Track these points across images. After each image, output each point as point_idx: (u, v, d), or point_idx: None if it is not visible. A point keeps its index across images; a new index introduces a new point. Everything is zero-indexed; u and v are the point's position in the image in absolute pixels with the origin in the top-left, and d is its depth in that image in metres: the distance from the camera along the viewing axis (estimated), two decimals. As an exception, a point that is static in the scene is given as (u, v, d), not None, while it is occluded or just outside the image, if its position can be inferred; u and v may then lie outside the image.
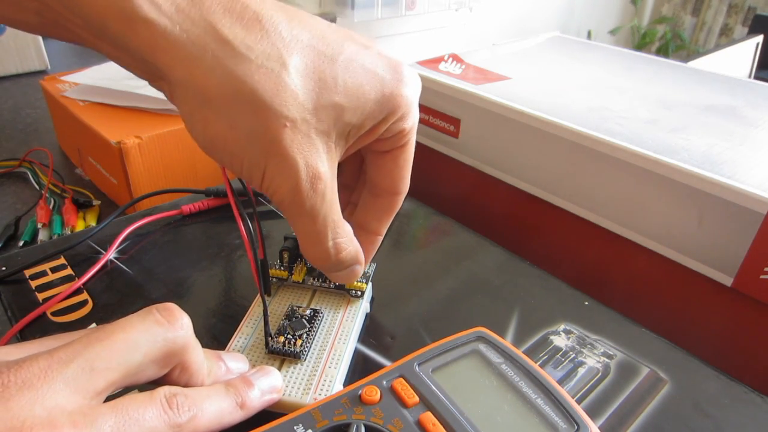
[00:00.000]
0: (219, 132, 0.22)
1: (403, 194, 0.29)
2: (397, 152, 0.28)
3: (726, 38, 1.90)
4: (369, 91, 0.24)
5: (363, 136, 0.25)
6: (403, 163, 0.28)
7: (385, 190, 0.28)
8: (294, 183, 0.23)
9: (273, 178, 0.23)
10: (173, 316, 0.22)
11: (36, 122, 0.79)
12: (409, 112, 0.26)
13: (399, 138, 0.27)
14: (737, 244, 0.34)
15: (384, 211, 0.29)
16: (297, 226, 0.25)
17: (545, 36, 0.63)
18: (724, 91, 0.49)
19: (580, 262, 0.44)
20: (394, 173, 0.28)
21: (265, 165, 0.22)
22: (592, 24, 1.71)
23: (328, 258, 0.26)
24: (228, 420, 0.22)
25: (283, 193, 0.23)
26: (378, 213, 0.29)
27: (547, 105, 0.44)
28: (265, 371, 0.25)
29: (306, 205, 0.23)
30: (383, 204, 0.29)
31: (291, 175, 0.22)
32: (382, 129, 0.25)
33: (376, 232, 0.29)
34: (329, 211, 0.24)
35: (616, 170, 0.39)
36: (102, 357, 0.19)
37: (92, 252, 0.37)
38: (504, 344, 0.27)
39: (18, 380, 0.18)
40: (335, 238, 0.25)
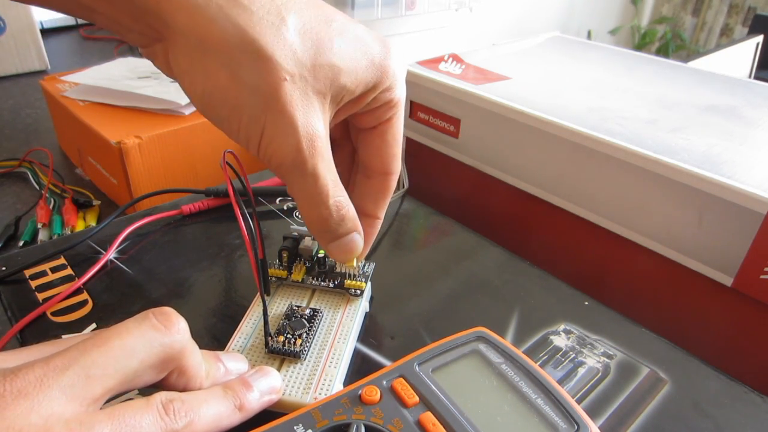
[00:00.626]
0: (220, 83, 0.22)
1: (394, 174, 0.29)
2: (384, 127, 0.28)
3: (726, 38, 1.90)
4: (361, 57, 0.24)
5: (351, 103, 0.25)
6: (392, 140, 0.28)
7: (376, 170, 0.29)
8: (295, 142, 0.23)
9: (273, 137, 0.22)
10: (170, 321, 0.22)
11: (36, 122, 0.79)
12: (396, 84, 0.26)
13: (385, 109, 0.27)
14: (737, 244, 0.34)
15: (378, 192, 0.29)
16: (297, 188, 0.24)
17: (545, 36, 0.63)
18: (724, 91, 0.49)
19: (580, 262, 0.44)
20: (383, 151, 0.28)
21: (264, 121, 0.22)
22: (592, 24, 1.71)
23: (330, 217, 0.25)
24: (226, 423, 0.22)
25: (284, 154, 0.23)
26: (373, 195, 0.29)
27: (547, 105, 0.44)
28: (264, 372, 0.25)
29: (308, 165, 0.23)
30: (376, 185, 0.29)
31: (291, 133, 0.22)
32: (370, 97, 0.26)
33: (374, 214, 0.29)
34: (329, 170, 0.24)
35: (616, 170, 0.39)
36: (98, 364, 0.19)
37: (92, 252, 0.37)
38: (504, 344, 0.27)
39: (14, 389, 0.18)
40: (335, 196, 0.25)
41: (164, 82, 0.61)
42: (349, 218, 0.26)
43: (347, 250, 0.27)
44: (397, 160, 0.29)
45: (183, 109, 0.57)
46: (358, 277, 0.32)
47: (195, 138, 0.56)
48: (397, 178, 0.29)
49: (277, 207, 0.43)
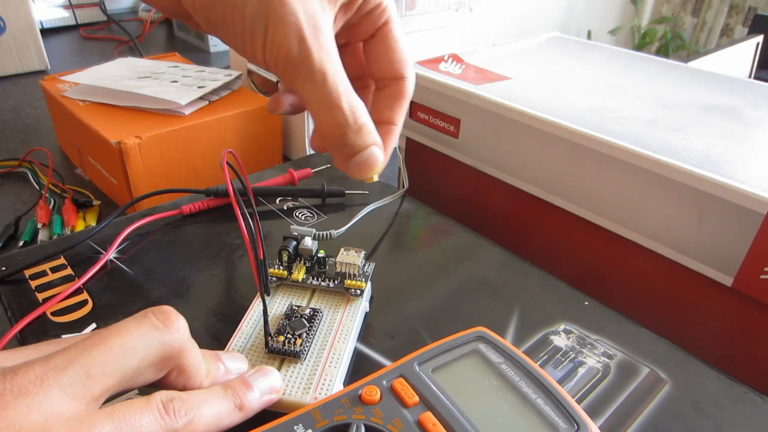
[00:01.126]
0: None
1: (408, 79, 0.28)
2: (383, 33, 0.28)
3: (726, 38, 1.90)
4: None
5: (345, 7, 0.25)
6: (394, 43, 0.28)
7: (386, 77, 0.28)
8: (297, 32, 0.22)
9: (276, 28, 0.22)
10: (169, 320, 0.22)
11: (36, 122, 0.79)
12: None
13: (378, 14, 0.27)
14: (737, 244, 0.34)
15: (393, 98, 0.28)
16: (306, 87, 0.24)
17: (545, 36, 0.63)
18: (724, 91, 0.49)
19: (580, 262, 0.44)
20: (389, 56, 0.28)
21: (266, 15, 0.22)
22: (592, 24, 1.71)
23: (346, 122, 0.24)
24: (226, 422, 0.22)
25: (289, 47, 0.23)
26: (388, 101, 0.28)
27: (547, 105, 0.44)
28: (264, 371, 0.25)
29: (314, 57, 0.23)
30: (390, 93, 0.28)
31: (293, 21, 0.22)
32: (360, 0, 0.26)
33: (390, 121, 0.28)
34: (338, 69, 0.24)
35: (616, 170, 0.39)
36: (98, 362, 0.19)
37: (92, 252, 0.37)
38: (504, 344, 0.27)
39: (14, 387, 0.18)
40: (349, 100, 0.24)
41: (164, 83, 0.61)
42: (368, 128, 0.25)
43: (368, 165, 0.26)
44: (407, 63, 0.28)
45: (183, 109, 0.57)
46: (358, 276, 0.32)
47: (195, 138, 0.56)
48: (413, 84, 0.28)
49: (277, 207, 0.43)
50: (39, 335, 0.30)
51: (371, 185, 0.45)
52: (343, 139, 0.25)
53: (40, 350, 0.21)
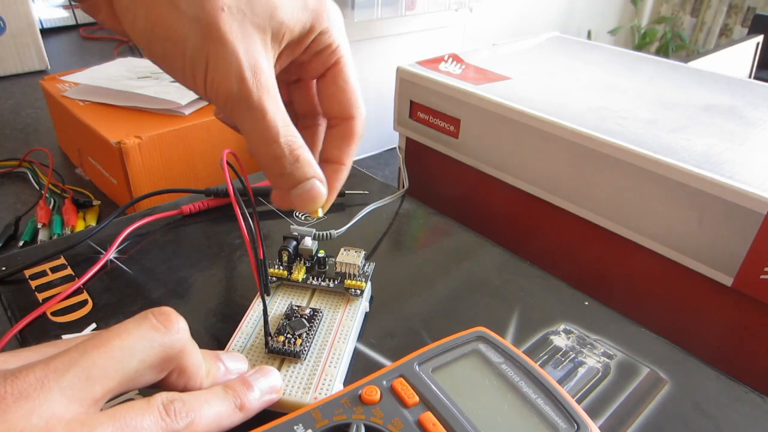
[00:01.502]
0: (161, 16, 0.22)
1: (357, 119, 0.29)
2: (334, 73, 0.28)
3: (725, 38, 1.90)
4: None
5: (292, 46, 0.26)
6: (344, 84, 0.28)
7: (336, 117, 0.29)
8: (237, 73, 0.23)
9: (216, 67, 0.23)
10: (169, 321, 0.22)
11: (36, 122, 0.79)
12: (334, 27, 0.27)
13: (329, 54, 0.27)
14: (737, 244, 0.34)
15: (341, 138, 0.29)
16: (246, 124, 0.24)
17: (545, 36, 0.63)
18: (724, 91, 0.49)
19: (580, 262, 0.44)
20: (338, 96, 0.28)
21: (207, 52, 0.23)
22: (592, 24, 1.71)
23: (283, 155, 0.25)
24: (227, 423, 0.22)
25: (228, 87, 0.23)
26: (337, 141, 0.29)
27: (547, 105, 0.44)
28: (264, 371, 0.25)
29: (253, 96, 0.23)
30: (340, 132, 0.29)
31: (233, 62, 0.23)
32: (310, 38, 0.26)
33: (339, 161, 0.29)
34: (277, 108, 0.24)
35: (616, 170, 0.39)
36: (98, 365, 0.19)
37: (92, 252, 0.37)
38: (504, 344, 0.27)
39: (15, 391, 0.18)
40: (287, 135, 0.25)
41: (164, 83, 0.61)
42: (305, 161, 0.25)
43: (309, 197, 0.26)
44: (356, 104, 0.28)
45: (183, 109, 0.57)
46: (358, 276, 0.32)
47: (195, 138, 0.56)
48: (363, 123, 0.29)
49: (277, 207, 0.43)
50: (39, 335, 0.30)
51: (369, 186, 0.45)
52: (281, 170, 0.25)
53: (40, 352, 0.21)
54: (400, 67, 0.51)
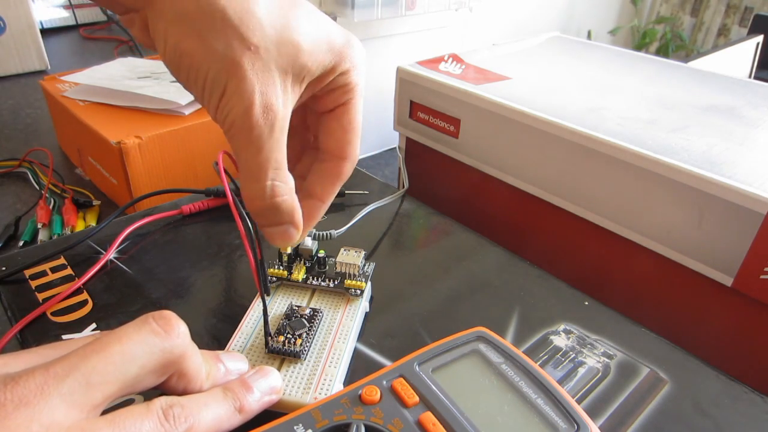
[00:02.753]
0: (190, 46, 0.23)
1: (348, 160, 0.29)
2: (341, 111, 0.28)
3: (724, 39, 1.90)
4: (323, 41, 0.25)
5: (313, 83, 0.26)
6: (347, 124, 0.28)
7: (330, 153, 0.29)
8: (247, 105, 0.23)
9: (230, 97, 0.23)
10: (170, 325, 0.22)
11: (36, 122, 0.79)
12: (354, 68, 0.27)
13: (342, 93, 0.28)
14: (737, 244, 0.34)
15: (328, 176, 0.29)
16: (240, 155, 0.25)
17: (545, 36, 0.63)
18: (724, 91, 0.49)
19: (580, 262, 0.44)
20: (338, 134, 0.28)
21: (225, 83, 0.23)
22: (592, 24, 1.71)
23: (263, 198, 0.25)
24: (226, 425, 0.22)
25: (235, 115, 0.24)
26: (322, 178, 0.29)
27: (547, 105, 0.44)
28: (264, 372, 0.25)
29: (254, 131, 0.24)
30: (328, 168, 0.29)
31: (246, 97, 0.23)
32: (329, 78, 0.27)
33: (320, 198, 0.29)
34: (274, 147, 0.25)
35: (616, 170, 0.39)
36: (98, 370, 0.19)
37: (92, 252, 0.37)
38: (504, 344, 0.27)
39: (15, 397, 0.18)
40: (274, 179, 0.25)
41: (164, 83, 0.61)
42: (283, 209, 0.26)
43: (280, 239, 0.27)
44: (353, 146, 0.29)
45: (183, 109, 0.57)
46: (358, 277, 0.32)
47: (195, 138, 0.56)
48: (352, 166, 0.29)
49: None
50: (39, 335, 0.30)
51: (369, 185, 0.45)
52: (258, 210, 0.26)
53: (40, 354, 0.21)
54: (400, 67, 0.51)
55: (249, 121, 0.24)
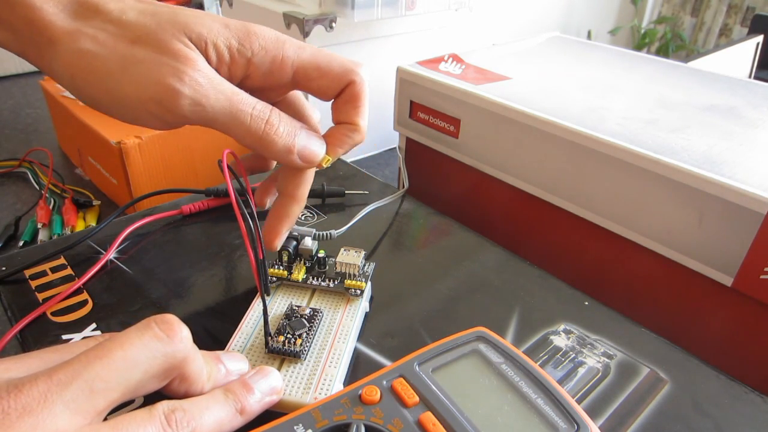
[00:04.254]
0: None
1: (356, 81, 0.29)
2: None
3: (725, 38, 1.90)
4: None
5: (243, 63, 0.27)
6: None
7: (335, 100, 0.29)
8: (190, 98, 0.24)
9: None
10: (172, 330, 0.22)
11: (36, 122, 0.79)
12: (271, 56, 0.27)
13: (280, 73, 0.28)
14: (737, 244, 0.34)
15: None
16: (231, 131, 0.26)
17: (545, 36, 0.63)
18: (724, 91, 0.49)
19: (580, 262, 0.44)
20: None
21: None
22: (592, 24, 1.71)
23: (263, 119, 0.26)
24: (228, 428, 0.22)
25: (182, 112, 0.25)
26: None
27: (547, 105, 0.44)
28: (264, 372, 0.25)
29: (208, 108, 0.25)
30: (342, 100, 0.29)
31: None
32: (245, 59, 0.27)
33: (349, 120, 0.29)
34: (229, 95, 0.25)
35: (616, 170, 0.39)
36: (101, 377, 0.19)
37: (92, 252, 0.37)
38: (504, 344, 0.27)
39: (18, 406, 0.18)
40: (254, 104, 0.25)
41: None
42: (283, 130, 0.26)
43: (306, 158, 0.27)
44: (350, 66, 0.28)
45: (183, 109, 0.57)
46: (358, 277, 0.32)
47: (195, 138, 0.56)
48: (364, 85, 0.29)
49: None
50: (39, 335, 0.30)
51: (369, 186, 0.45)
52: (273, 136, 0.26)
53: (43, 359, 0.21)
54: (400, 67, 0.51)
55: (193, 108, 0.25)
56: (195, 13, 0.26)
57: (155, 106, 0.24)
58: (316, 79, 0.27)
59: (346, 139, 0.28)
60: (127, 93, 0.24)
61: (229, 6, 0.74)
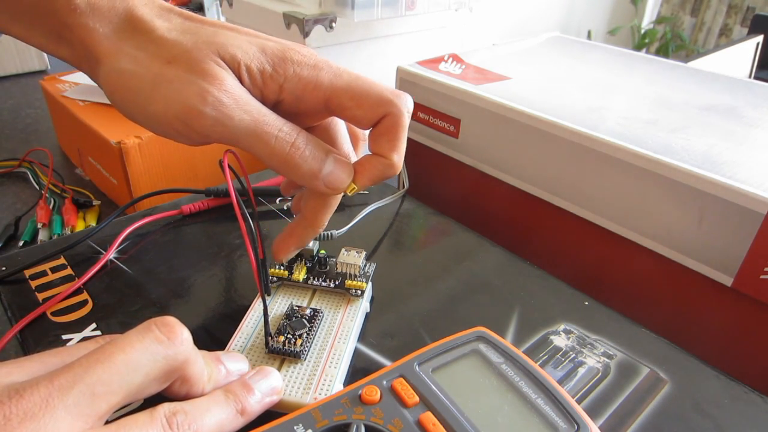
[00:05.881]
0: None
1: (395, 113, 0.28)
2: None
3: (725, 39, 1.90)
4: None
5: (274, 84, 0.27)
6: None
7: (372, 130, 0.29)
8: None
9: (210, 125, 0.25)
10: (173, 333, 0.22)
11: (36, 122, 0.79)
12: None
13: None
14: (737, 244, 0.34)
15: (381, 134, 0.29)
16: (255, 150, 0.26)
17: (545, 36, 0.63)
18: (724, 91, 0.49)
19: (580, 262, 0.44)
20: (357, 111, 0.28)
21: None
22: (592, 24, 1.72)
23: (288, 143, 0.25)
24: (229, 429, 0.23)
25: (217, 132, 0.25)
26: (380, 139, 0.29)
27: (547, 105, 0.44)
28: (264, 373, 0.25)
29: (234, 126, 0.25)
30: (379, 132, 0.28)
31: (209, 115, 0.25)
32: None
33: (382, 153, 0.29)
34: (257, 118, 0.25)
35: (616, 170, 0.39)
36: (103, 381, 0.19)
37: (92, 252, 0.37)
38: (504, 344, 0.27)
39: (20, 411, 0.18)
40: (281, 127, 0.25)
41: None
42: (314, 141, 0.26)
43: (335, 179, 0.27)
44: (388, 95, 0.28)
45: (183, 109, 0.57)
46: (359, 277, 0.32)
47: (195, 138, 0.56)
48: (406, 115, 0.28)
49: (277, 207, 0.43)
50: (39, 335, 0.30)
51: (372, 186, 0.45)
52: (298, 159, 0.26)
53: (44, 363, 0.21)
54: (400, 67, 0.51)
55: (220, 126, 0.25)
56: (235, 35, 0.26)
57: (180, 124, 0.25)
58: (350, 108, 0.26)
59: (375, 172, 0.27)
60: (157, 110, 0.25)
61: (229, 6, 0.74)
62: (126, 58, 0.25)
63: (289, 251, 0.30)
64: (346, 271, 0.32)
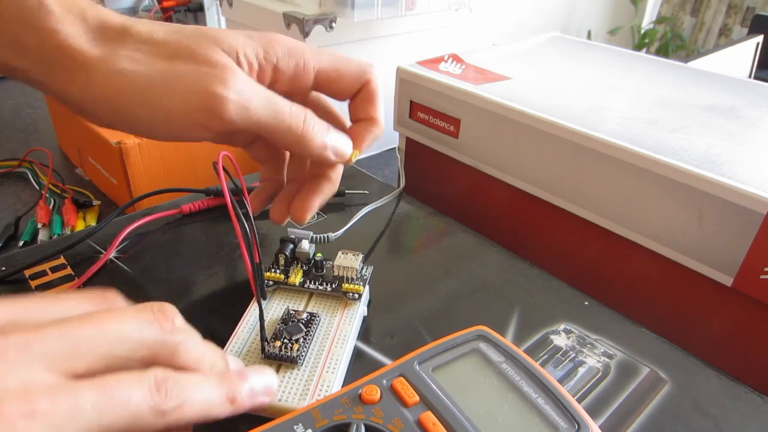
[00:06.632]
0: None
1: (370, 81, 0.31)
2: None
3: (725, 39, 1.90)
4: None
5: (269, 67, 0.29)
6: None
7: (353, 104, 0.32)
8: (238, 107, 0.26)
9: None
10: (166, 318, 0.21)
11: (36, 122, 0.79)
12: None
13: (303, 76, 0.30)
14: (737, 244, 0.34)
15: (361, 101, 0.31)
16: (273, 134, 0.27)
17: (545, 36, 0.63)
18: (724, 91, 0.49)
19: (580, 262, 0.44)
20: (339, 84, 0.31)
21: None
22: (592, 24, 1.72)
23: (297, 118, 0.27)
24: (216, 413, 0.22)
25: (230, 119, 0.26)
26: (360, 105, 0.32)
27: (547, 105, 0.44)
28: (262, 370, 0.25)
29: (252, 114, 0.26)
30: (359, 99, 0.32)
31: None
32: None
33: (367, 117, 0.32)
34: (267, 102, 0.26)
35: (616, 170, 0.39)
36: (88, 339, 0.19)
37: (92, 252, 0.37)
38: (504, 343, 0.27)
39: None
40: (291, 106, 0.27)
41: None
42: (316, 131, 0.28)
43: (338, 148, 0.29)
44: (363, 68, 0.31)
45: (183, 109, 0.57)
46: (356, 280, 0.31)
47: (195, 138, 0.56)
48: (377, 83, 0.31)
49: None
50: (39, 335, 0.30)
51: (369, 185, 0.45)
52: (311, 133, 0.28)
53: (40, 308, 0.21)
54: (400, 67, 0.51)
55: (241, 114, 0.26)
56: (217, 30, 0.27)
57: (202, 114, 0.25)
58: (335, 80, 0.30)
59: (368, 134, 0.31)
60: (172, 105, 0.25)
61: (229, 6, 0.74)
62: (123, 59, 0.25)
63: (312, 209, 0.31)
64: (343, 275, 0.31)
